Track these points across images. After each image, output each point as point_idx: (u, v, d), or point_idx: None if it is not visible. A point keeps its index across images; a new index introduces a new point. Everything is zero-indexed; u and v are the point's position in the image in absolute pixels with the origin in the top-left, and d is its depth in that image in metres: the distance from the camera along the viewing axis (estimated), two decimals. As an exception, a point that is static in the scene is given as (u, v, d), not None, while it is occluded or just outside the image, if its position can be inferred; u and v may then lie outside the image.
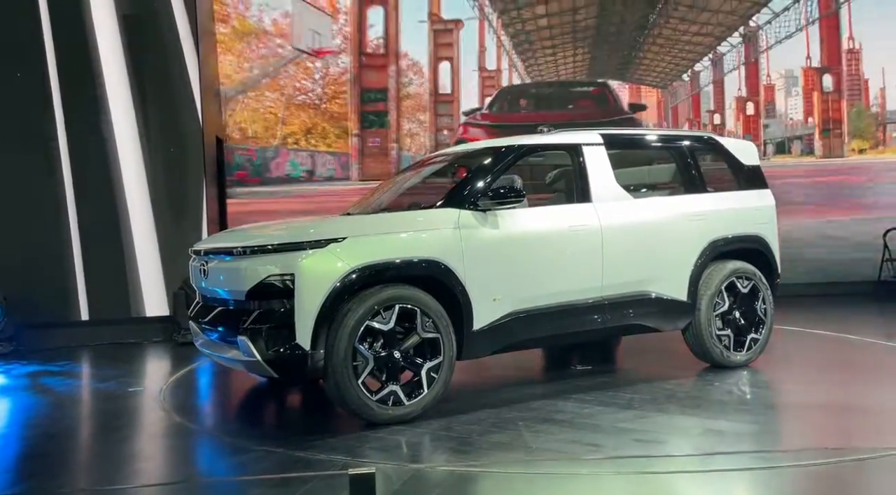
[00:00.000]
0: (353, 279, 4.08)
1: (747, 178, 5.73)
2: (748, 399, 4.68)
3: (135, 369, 6.35)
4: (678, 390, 4.78)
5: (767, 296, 5.48)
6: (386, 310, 4.14)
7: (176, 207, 7.77)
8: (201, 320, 4.63)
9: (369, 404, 4.09)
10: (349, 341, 4.04)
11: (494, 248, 4.51)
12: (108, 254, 7.57)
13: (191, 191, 7.84)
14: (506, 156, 4.83)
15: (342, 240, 4.15)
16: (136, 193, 7.67)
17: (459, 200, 4.54)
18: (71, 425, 4.59)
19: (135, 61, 7.64)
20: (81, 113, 7.52)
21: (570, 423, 4.13)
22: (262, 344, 4.03)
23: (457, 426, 4.15)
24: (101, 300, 7.53)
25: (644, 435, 3.86)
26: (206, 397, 5.57)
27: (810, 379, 5.09)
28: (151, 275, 7.67)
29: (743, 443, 3.77)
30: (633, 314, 5.00)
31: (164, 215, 7.73)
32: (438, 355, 4.27)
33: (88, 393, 5.39)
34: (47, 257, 7.41)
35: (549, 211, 4.98)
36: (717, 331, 5.27)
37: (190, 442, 4.29)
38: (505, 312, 4.53)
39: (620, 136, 5.41)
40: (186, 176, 7.82)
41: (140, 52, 7.67)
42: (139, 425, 4.63)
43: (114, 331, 7.42)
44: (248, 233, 4.68)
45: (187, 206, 7.81)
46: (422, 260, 4.29)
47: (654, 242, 5.10)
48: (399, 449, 3.84)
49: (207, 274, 4.47)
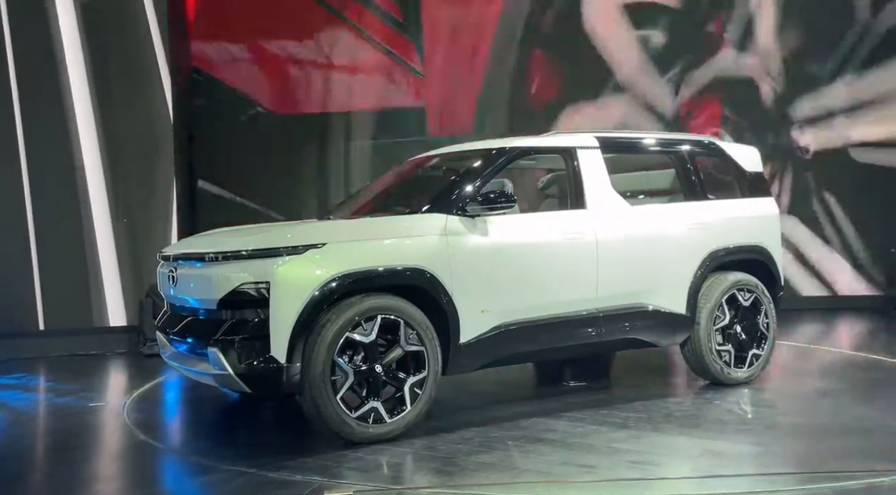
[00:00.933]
0: (332, 288, 4.08)
1: (750, 185, 5.79)
2: (749, 418, 4.71)
3: (96, 383, 6.29)
4: (676, 409, 4.81)
5: (770, 310, 5.53)
6: (367, 322, 4.14)
7: (144, 209, 7.72)
8: (169, 330, 4.60)
9: (348, 421, 4.08)
10: (327, 354, 4.03)
11: (483, 257, 4.53)
12: (67, 258, 7.49)
13: (160, 192, 7.80)
14: (496, 159, 4.85)
15: (321, 246, 4.14)
16: (99, 194, 7.61)
17: (446, 205, 4.55)
18: (25, 443, 4.54)
19: (98, 55, 7.58)
20: (40, 109, 7.45)
21: (561, 443, 4.14)
22: (235, 356, 4.01)
23: (441, 445, 4.14)
24: (60, 308, 7.45)
25: (640, 457, 3.88)
26: (172, 413, 5.53)
27: (814, 397, 5.14)
28: (116, 281, 7.61)
29: (744, 466, 3.79)
30: (629, 327, 5.03)
31: (131, 217, 7.68)
32: (423, 369, 4.27)
33: (45, 409, 5.34)
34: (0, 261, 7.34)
35: (541, 217, 5.00)
36: (718, 347, 5.31)
37: (154, 462, 4.26)
38: (493, 325, 4.53)
39: (617, 140, 5.45)
40: (155, 176, 7.78)
41: (104, 45, 7.61)
42: (99, 444, 4.59)
43: (74, 342, 7.36)
44: (221, 237, 4.67)
45: (156, 208, 7.76)
46: (406, 268, 4.29)
47: (652, 252, 5.14)
48: (379, 469, 3.83)
49: (176, 281, 4.45)
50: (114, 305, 7.62)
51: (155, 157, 7.78)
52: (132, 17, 7.68)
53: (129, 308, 7.60)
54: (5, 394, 5.82)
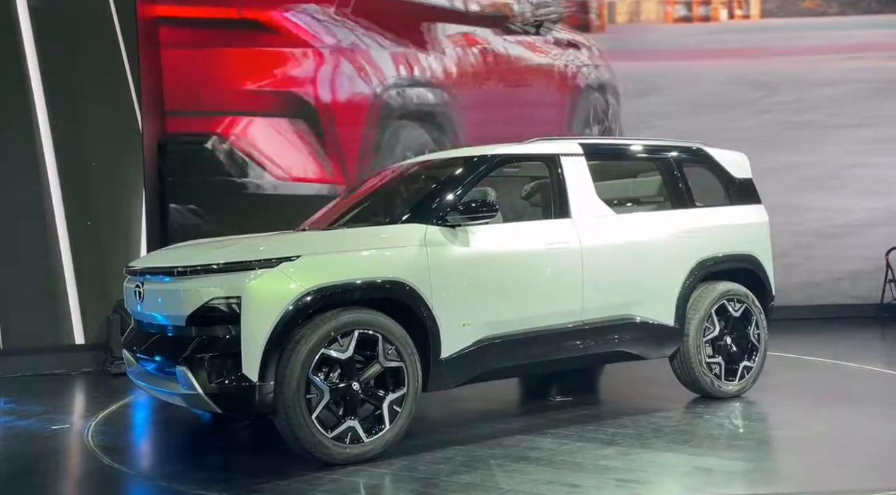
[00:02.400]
0: (307, 302, 4.04)
1: (739, 192, 5.82)
2: (741, 433, 4.72)
3: (60, 404, 6.19)
4: (665, 424, 4.80)
5: (761, 321, 5.55)
6: (344, 337, 4.10)
7: (111, 220, 7.63)
8: (136, 348, 4.54)
9: (324, 442, 4.03)
10: (302, 371, 3.98)
11: (464, 268, 4.51)
12: (29, 272, 7.38)
13: (128, 203, 7.71)
14: (477, 167, 4.84)
15: (295, 259, 4.10)
16: (64, 205, 7.50)
17: (426, 215, 4.53)
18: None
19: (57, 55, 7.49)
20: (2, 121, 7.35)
21: (547, 461, 4.11)
22: (204, 375, 3.95)
23: (422, 465, 4.11)
24: (21, 325, 7.33)
25: (627, 474, 3.86)
26: (140, 435, 5.44)
27: (808, 411, 5.15)
28: (81, 297, 7.50)
29: (734, 483, 3.79)
30: (616, 340, 5.02)
31: (98, 229, 7.58)
32: (402, 386, 4.23)
33: (5, 433, 5.23)
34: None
35: (524, 227, 4.99)
36: (707, 359, 5.32)
37: (118, 488, 4.18)
38: (476, 339, 4.51)
39: (602, 146, 5.47)
40: (123, 185, 7.70)
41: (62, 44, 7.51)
42: (61, 469, 4.50)
43: (37, 361, 7.23)
44: (190, 250, 4.62)
45: (124, 219, 7.67)
46: (384, 281, 4.26)
47: (639, 261, 5.14)
48: (356, 492, 3.78)
49: (143, 296, 4.39)
50: (80, 322, 7.51)
51: (124, 167, 7.70)
52: (96, 15, 7.61)
53: (96, 324, 7.49)
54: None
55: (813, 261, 9.52)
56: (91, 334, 7.53)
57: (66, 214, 7.47)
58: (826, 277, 9.55)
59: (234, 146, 8.59)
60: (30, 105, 7.40)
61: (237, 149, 8.60)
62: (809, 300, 9.35)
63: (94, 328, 7.53)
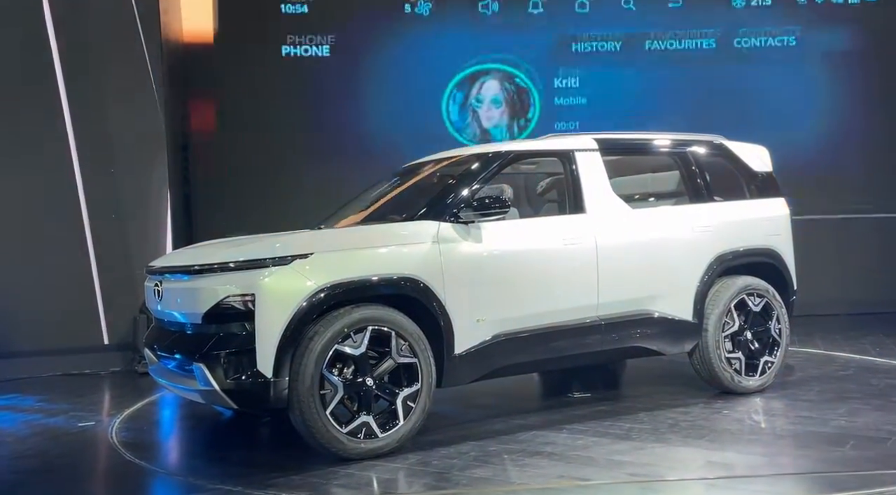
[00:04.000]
0: (320, 298, 4.10)
1: (759, 186, 5.77)
2: (760, 428, 4.68)
3: (88, 402, 6.32)
4: (682, 419, 4.78)
5: (782, 315, 5.49)
6: (357, 333, 4.15)
7: (137, 221, 7.77)
8: (156, 346, 4.64)
9: (339, 437, 4.09)
10: (316, 367, 4.04)
11: (478, 264, 4.54)
12: (56, 273, 7.55)
13: (154, 203, 7.85)
14: (491, 164, 4.86)
15: (309, 256, 4.17)
16: (89, 206, 7.64)
17: (440, 211, 4.56)
18: (8, 465, 4.57)
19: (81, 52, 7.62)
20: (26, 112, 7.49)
21: (560, 456, 4.12)
22: (221, 372, 4.04)
23: (435, 460, 4.14)
24: (50, 326, 7.51)
25: (640, 469, 3.86)
26: (162, 432, 5.55)
27: (830, 406, 5.08)
28: (108, 297, 7.66)
29: (749, 477, 3.76)
30: (634, 335, 5.01)
31: (124, 230, 7.73)
32: (416, 382, 4.28)
33: (33, 430, 5.36)
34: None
35: (538, 223, 5.01)
36: (727, 354, 5.28)
37: (138, 482, 4.28)
38: (490, 335, 4.53)
39: (617, 141, 5.45)
40: (149, 186, 7.83)
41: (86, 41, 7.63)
42: (84, 464, 4.61)
43: (66, 361, 7.41)
44: (207, 249, 4.71)
45: (151, 220, 7.81)
46: (398, 277, 4.31)
47: (656, 257, 5.12)
48: (370, 486, 3.83)
49: (162, 295, 4.49)
50: (106, 322, 7.66)
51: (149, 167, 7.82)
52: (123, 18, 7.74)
53: (123, 324, 7.65)
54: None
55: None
56: (118, 334, 7.68)
57: (90, 215, 7.62)
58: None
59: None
60: (56, 105, 7.54)
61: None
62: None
63: (121, 328, 7.68)
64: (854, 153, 9.36)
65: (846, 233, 9.28)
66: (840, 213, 9.26)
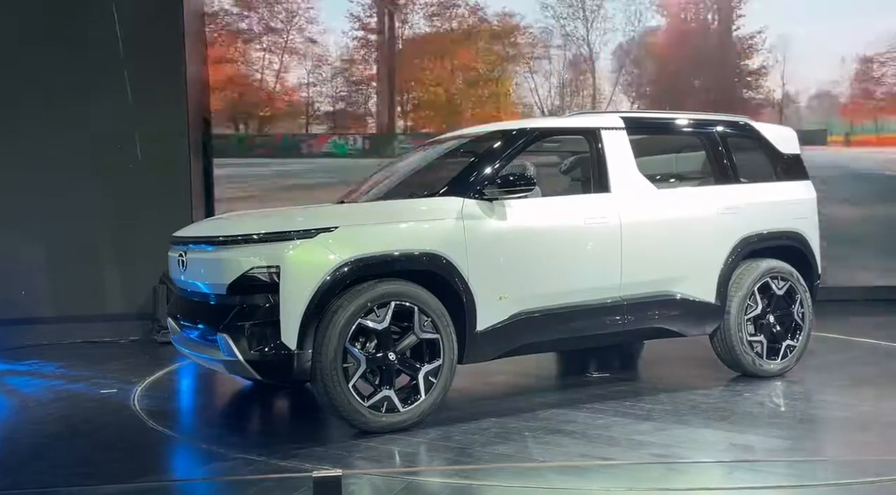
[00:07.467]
0: (344, 273, 4.10)
1: (786, 168, 5.71)
2: (781, 411, 4.67)
3: (109, 370, 6.40)
4: (703, 401, 4.78)
5: (805, 299, 5.46)
6: (380, 308, 4.16)
7: (157, 194, 7.81)
8: (179, 316, 4.68)
9: (360, 410, 4.12)
10: (339, 341, 4.06)
11: (501, 242, 4.52)
12: (78, 243, 7.62)
13: (174, 177, 7.89)
14: (516, 141, 4.83)
15: (333, 230, 4.17)
16: (112, 180, 7.71)
17: (464, 188, 4.55)
18: (32, 429, 4.64)
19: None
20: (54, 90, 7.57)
21: (581, 435, 4.14)
22: (245, 342, 4.06)
23: (456, 435, 4.17)
24: (71, 294, 7.59)
25: (662, 450, 3.87)
26: (183, 400, 5.62)
27: (853, 391, 5.06)
28: (129, 267, 7.72)
29: (771, 460, 3.76)
30: (655, 316, 5.00)
31: (145, 202, 7.77)
32: (438, 358, 4.29)
33: (55, 395, 5.44)
34: (6, 248, 7.47)
35: (562, 201, 4.98)
36: (749, 337, 5.26)
37: (161, 449, 4.34)
38: (512, 312, 4.53)
39: (644, 120, 5.40)
40: (170, 159, 7.87)
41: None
42: (107, 431, 4.66)
43: (87, 329, 7.49)
44: (232, 221, 4.71)
45: (170, 193, 7.86)
46: (421, 253, 4.30)
47: (680, 238, 5.09)
48: (391, 458, 3.86)
49: (186, 265, 4.51)
50: (128, 292, 7.74)
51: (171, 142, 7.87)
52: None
53: (142, 295, 7.72)
54: (17, 381, 5.97)
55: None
56: (138, 303, 7.76)
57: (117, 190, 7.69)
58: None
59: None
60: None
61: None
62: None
63: (140, 298, 7.76)
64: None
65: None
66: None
